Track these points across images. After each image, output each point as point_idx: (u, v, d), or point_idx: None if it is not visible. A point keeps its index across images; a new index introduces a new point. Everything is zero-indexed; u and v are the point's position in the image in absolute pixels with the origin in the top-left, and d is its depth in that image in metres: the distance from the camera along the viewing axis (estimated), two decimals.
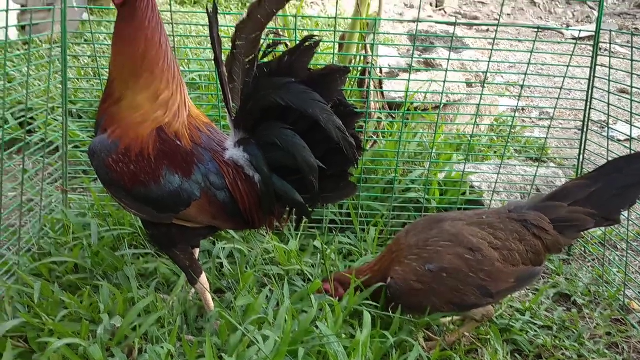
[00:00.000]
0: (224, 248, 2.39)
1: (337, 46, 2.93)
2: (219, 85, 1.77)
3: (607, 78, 2.52)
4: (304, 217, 1.89)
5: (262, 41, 1.81)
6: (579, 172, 2.79)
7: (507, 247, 1.94)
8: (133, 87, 1.67)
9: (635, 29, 9.88)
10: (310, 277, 2.32)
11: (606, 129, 2.68)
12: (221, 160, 1.79)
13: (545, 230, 1.96)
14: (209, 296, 1.96)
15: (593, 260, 2.84)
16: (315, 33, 4.79)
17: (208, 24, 1.69)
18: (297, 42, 1.65)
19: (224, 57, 1.77)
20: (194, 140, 1.77)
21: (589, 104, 2.66)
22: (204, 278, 1.93)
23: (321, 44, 1.75)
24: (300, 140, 1.66)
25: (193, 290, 2.11)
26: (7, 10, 2.29)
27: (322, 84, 1.65)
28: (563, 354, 2.12)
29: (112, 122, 1.70)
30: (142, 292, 2.05)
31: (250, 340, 1.73)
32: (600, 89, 2.66)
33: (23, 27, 5.03)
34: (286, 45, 1.79)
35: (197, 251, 2.11)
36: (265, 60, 1.74)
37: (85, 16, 5.53)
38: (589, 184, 1.98)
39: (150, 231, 1.86)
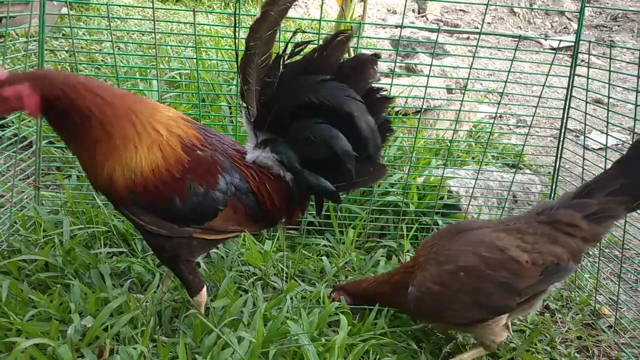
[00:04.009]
0: None
1: None
2: (239, 91, 1.71)
3: (584, 88, 2.58)
4: (335, 202, 1.87)
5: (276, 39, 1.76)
6: (555, 179, 2.84)
7: (536, 249, 1.87)
8: (123, 152, 1.59)
9: (612, 40, 10.15)
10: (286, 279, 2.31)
11: (581, 137, 2.74)
12: (242, 164, 1.76)
13: (579, 227, 1.90)
14: (203, 309, 1.92)
15: None
16: (298, 35, 4.79)
17: (192, 22, 1.64)
18: (329, 37, 1.62)
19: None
20: (207, 146, 1.72)
21: (566, 112, 2.71)
22: (204, 291, 1.88)
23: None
24: (337, 131, 1.64)
25: (165, 288, 2.08)
26: None
27: (355, 75, 1.64)
28: (535, 358, 2.15)
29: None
30: (115, 292, 2.00)
31: (225, 342, 1.71)
32: (577, 98, 2.71)
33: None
34: (306, 44, 1.73)
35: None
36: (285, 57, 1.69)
37: (64, 10, 5.42)
38: (616, 174, 1.94)
39: (160, 245, 1.76)
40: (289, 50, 1.70)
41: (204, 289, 1.88)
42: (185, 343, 1.69)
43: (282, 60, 1.67)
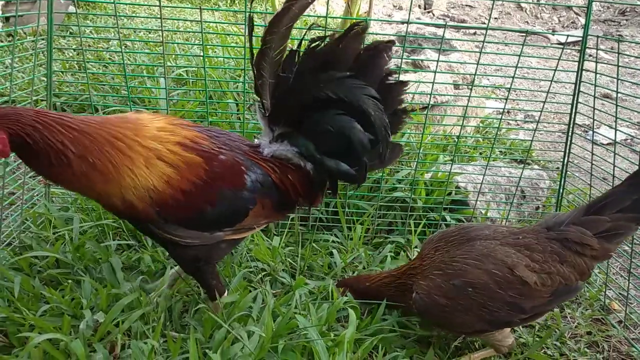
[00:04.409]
0: None
1: None
2: (255, 86, 1.70)
3: (593, 83, 2.56)
4: (354, 184, 1.90)
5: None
6: (563, 174, 2.83)
7: (545, 269, 1.86)
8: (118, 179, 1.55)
9: (620, 35, 10.05)
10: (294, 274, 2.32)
11: (589, 132, 2.73)
12: (259, 158, 1.78)
13: (589, 246, 1.89)
14: (219, 311, 1.92)
15: None
16: (304, 32, 4.79)
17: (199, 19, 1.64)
18: (345, 30, 1.63)
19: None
20: (222, 147, 1.73)
21: (574, 107, 2.69)
22: (224, 295, 1.90)
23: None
24: (355, 123, 1.66)
25: (175, 287, 2.09)
26: None
27: (371, 64, 1.66)
28: (545, 353, 2.15)
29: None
30: (126, 286, 2.02)
31: (235, 337, 1.72)
32: (585, 93, 2.70)
33: (7, 19, 4.94)
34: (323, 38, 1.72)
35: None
36: (301, 50, 1.68)
37: (71, 9, 5.45)
38: (629, 191, 1.91)
39: (190, 256, 1.75)
40: (304, 45, 1.69)
41: (226, 293, 1.90)
42: (195, 338, 1.70)
43: (297, 55, 1.67)
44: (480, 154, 3.93)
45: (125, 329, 1.81)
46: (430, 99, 2.78)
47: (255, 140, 1.94)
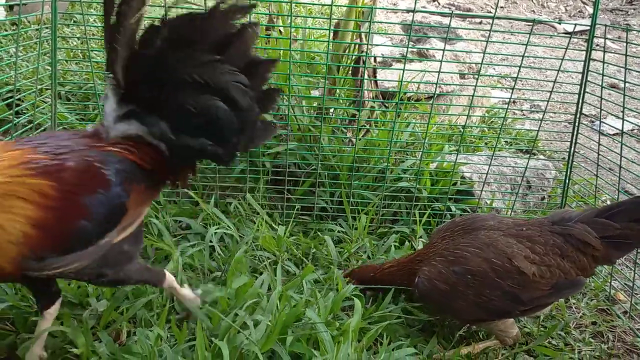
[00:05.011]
0: (216, 232, 2.38)
1: (331, 34, 2.92)
2: (107, 61, 1.49)
3: (600, 72, 2.53)
4: (224, 165, 1.76)
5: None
6: (569, 164, 2.81)
7: (545, 262, 1.87)
8: None
9: (627, 24, 9.95)
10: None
11: (596, 122, 2.71)
12: (109, 144, 1.55)
13: (591, 245, 1.89)
14: (184, 290, 1.85)
15: None
16: (309, 21, 4.76)
17: None
18: (213, 7, 1.47)
19: None
20: (63, 152, 1.47)
21: (581, 97, 2.67)
22: (169, 276, 1.80)
23: (315, 32, 1.68)
24: (220, 102, 1.52)
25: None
26: None
27: (237, 44, 1.52)
28: (549, 342, 2.15)
29: None
30: None
31: (241, 325, 1.73)
32: (592, 82, 2.67)
33: (11, 7, 4.92)
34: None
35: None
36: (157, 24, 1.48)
37: None
38: None
39: (94, 274, 1.56)
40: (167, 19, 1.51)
41: (166, 273, 1.80)
42: (202, 325, 1.71)
43: (160, 30, 1.48)
44: (486, 144, 3.91)
45: (130, 316, 1.82)
46: (435, 88, 2.76)
47: (89, 128, 1.67)
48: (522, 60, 2.58)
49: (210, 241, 2.33)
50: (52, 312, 1.63)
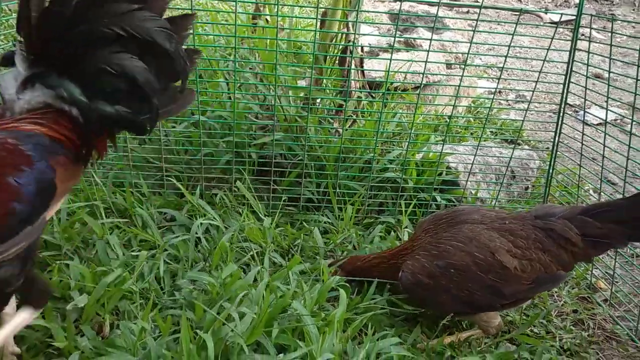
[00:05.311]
0: (201, 224, 2.36)
1: (318, 23, 2.89)
2: (17, 22, 1.40)
3: (585, 62, 2.55)
4: (141, 135, 1.69)
5: None
6: (553, 154, 2.83)
7: (526, 256, 1.89)
8: None
9: (612, 14, 10.02)
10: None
11: (580, 112, 2.73)
12: (13, 120, 1.45)
13: (572, 242, 1.91)
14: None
15: None
16: (296, 9, 4.71)
17: None
18: None
19: None
20: None
21: (566, 87, 2.69)
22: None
23: (302, 21, 1.67)
24: (139, 62, 1.46)
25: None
26: None
27: None
28: (531, 330, 2.19)
29: None
30: (115, 263, 2.01)
31: (226, 317, 1.73)
32: (577, 72, 2.69)
33: None
34: None
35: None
36: None
37: None
38: (630, 207, 1.89)
39: (12, 275, 1.39)
40: None
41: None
42: (187, 318, 1.70)
43: None
44: (472, 134, 3.93)
45: (111, 308, 1.80)
46: (422, 78, 2.75)
47: None
48: (509, 50, 2.58)
49: (196, 233, 2.32)
50: (9, 311, 1.55)
